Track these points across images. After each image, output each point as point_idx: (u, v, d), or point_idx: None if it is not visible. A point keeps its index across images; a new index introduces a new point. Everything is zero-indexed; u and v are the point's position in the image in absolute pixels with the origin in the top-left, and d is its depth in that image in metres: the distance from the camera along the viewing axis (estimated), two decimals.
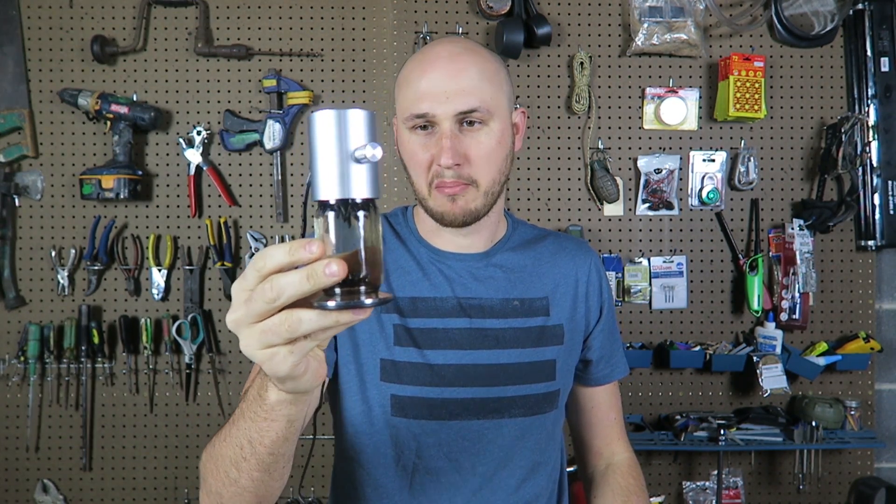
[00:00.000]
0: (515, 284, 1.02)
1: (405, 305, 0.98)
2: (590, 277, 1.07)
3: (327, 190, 0.53)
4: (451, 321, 0.98)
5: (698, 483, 1.94)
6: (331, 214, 0.53)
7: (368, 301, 0.52)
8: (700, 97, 1.94)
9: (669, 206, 1.93)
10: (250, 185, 1.89)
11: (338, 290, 0.53)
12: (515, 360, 0.99)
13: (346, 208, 0.53)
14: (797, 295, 1.89)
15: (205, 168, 1.86)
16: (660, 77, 1.94)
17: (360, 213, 0.54)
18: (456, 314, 0.98)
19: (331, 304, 0.51)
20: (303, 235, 0.60)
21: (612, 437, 1.13)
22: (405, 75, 0.95)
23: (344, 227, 0.53)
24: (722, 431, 1.81)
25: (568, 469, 1.16)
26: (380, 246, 0.55)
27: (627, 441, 1.15)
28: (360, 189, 0.53)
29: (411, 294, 0.99)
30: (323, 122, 0.53)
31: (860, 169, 1.91)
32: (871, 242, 1.93)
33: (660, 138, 1.95)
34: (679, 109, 1.91)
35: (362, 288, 0.53)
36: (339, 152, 0.53)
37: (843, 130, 1.87)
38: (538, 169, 1.93)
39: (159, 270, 1.86)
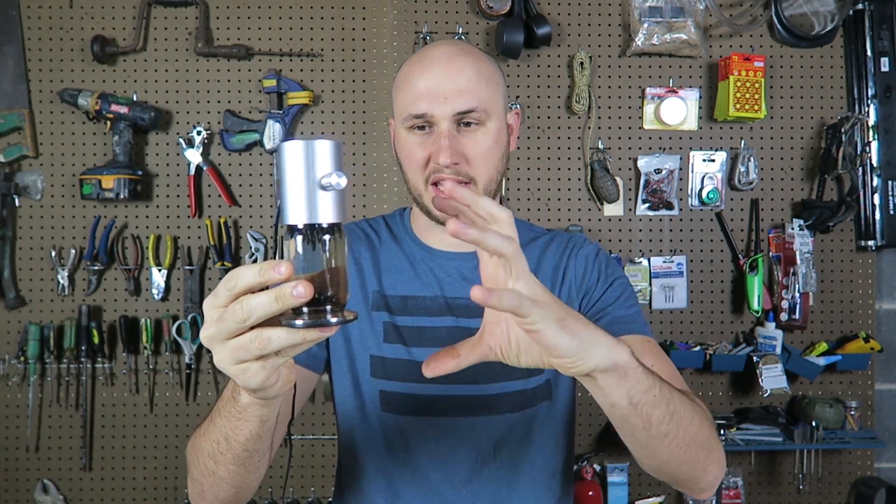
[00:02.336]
0: None
1: (395, 304, 1.00)
2: (576, 263, 1.04)
3: (295, 215, 0.56)
4: (438, 320, 0.99)
5: None
6: (299, 238, 0.57)
7: (334, 320, 0.56)
8: (700, 97, 1.94)
9: (669, 206, 1.93)
10: (250, 185, 1.89)
11: (305, 310, 0.56)
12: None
13: (312, 232, 0.57)
14: (797, 295, 1.89)
15: (205, 168, 1.86)
16: (660, 77, 1.94)
17: (326, 237, 0.57)
18: (443, 313, 1.00)
19: (298, 322, 0.55)
20: (275, 255, 0.63)
21: None
22: (403, 77, 0.97)
23: (311, 249, 0.57)
24: (722, 431, 1.81)
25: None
26: (345, 267, 0.59)
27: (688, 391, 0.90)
28: (327, 214, 0.57)
29: (402, 293, 1.01)
30: (292, 151, 0.56)
31: (860, 169, 1.91)
32: (871, 242, 1.93)
33: (660, 138, 1.95)
34: (679, 109, 1.91)
35: (328, 307, 0.57)
36: (307, 180, 0.56)
37: (843, 130, 1.87)
38: (538, 169, 1.93)
39: (159, 270, 1.86)
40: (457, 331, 0.99)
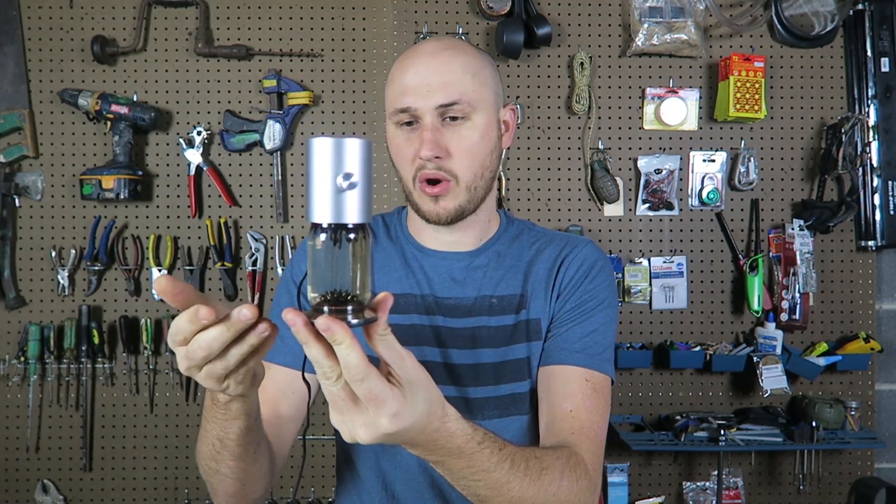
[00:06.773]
0: (497, 283, 1.01)
1: None
2: (570, 266, 1.01)
3: (321, 214, 0.56)
4: (426, 318, 0.99)
5: (698, 483, 1.94)
6: (322, 236, 0.56)
7: (354, 321, 0.56)
8: (700, 97, 1.94)
9: (669, 207, 1.93)
10: (250, 186, 1.89)
11: (326, 309, 0.56)
12: (487, 360, 0.98)
13: (337, 232, 0.56)
14: (797, 295, 1.89)
15: (205, 168, 1.86)
16: (660, 77, 1.93)
17: (351, 236, 0.56)
18: (431, 312, 0.99)
19: (319, 321, 0.54)
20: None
21: (563, 430, 0.90)
22: (391, 73, 0.98)
23: (334, 249, 0.56)
24: (722, 432, 1.81)
25: None
26: (369, 267, 0.58)
27: (592, 450, 0.89)
28: (353, 214, 0.56)
29: (392, 291, 0.99)
30: (320, 148, 0.55)
31: (860, 169, 1.90)
32: (871, 243, 1.93)
33: (660, 138, 1.94)
34: (679, 110, 1.91)
35: (349, 307, 0.57)
36: (334, 179, 0.55)
37: (843, 131, 1.87)
38: (538, 169, 1.93)
39: (159, 271, 1.86)
40: (445, 331, 0.99)
